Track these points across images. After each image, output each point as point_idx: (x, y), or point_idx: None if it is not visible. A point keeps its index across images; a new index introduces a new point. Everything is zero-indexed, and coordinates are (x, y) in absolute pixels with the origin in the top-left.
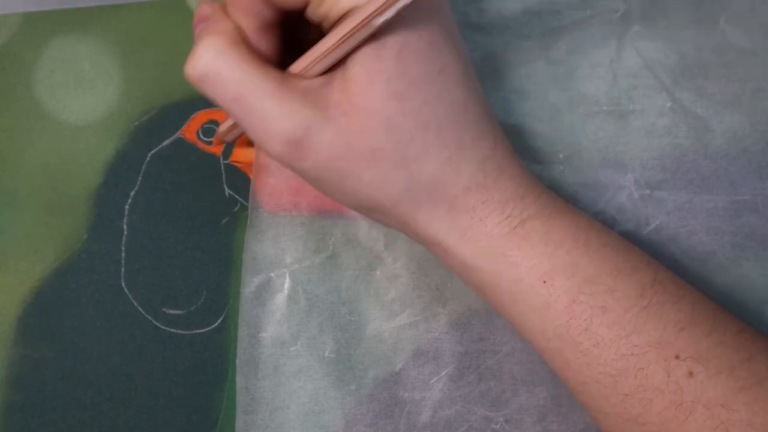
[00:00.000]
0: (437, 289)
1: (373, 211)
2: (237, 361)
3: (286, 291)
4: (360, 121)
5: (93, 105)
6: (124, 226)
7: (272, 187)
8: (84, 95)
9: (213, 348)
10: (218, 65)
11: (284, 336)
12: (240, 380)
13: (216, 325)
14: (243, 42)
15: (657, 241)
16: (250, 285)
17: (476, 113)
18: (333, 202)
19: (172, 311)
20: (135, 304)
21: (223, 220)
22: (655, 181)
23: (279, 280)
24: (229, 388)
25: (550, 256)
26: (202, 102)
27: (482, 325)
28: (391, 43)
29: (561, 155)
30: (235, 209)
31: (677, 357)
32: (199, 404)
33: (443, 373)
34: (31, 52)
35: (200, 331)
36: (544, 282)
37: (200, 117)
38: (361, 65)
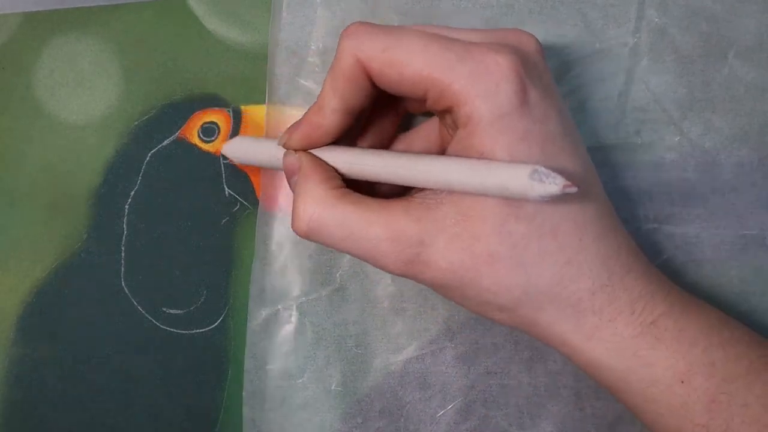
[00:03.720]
0: (444, 322)
1: (494, 313)
2: (243, 392)
3: (293, 323)
4: (473, 227)
5: (93, 105)
6: (124, 226)
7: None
8: (84, 95)
9: (213, 348)
10: (321, 218)
11: (291, 368)
12: (246, 412)
13: (216, 324)
14: (335, 182)
15: (665, 275)
16: (257, 317)
17: (595, 213)
18: None
19: (172, 311)
20: (135, 304)
21: (223, 220)
22: (663, 215)
23: (286, 312)
24: (229, 388)
25: (685, 355)
26: (202, 102)
27: (489, 359)
28: (499, 153)
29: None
30: (235, 209)
31: None
32: (199, 404)
33: (450, 406)
34: (31, 52)
35: (200, 330)
36: (682, 382)
37: (200, 117)
38: None
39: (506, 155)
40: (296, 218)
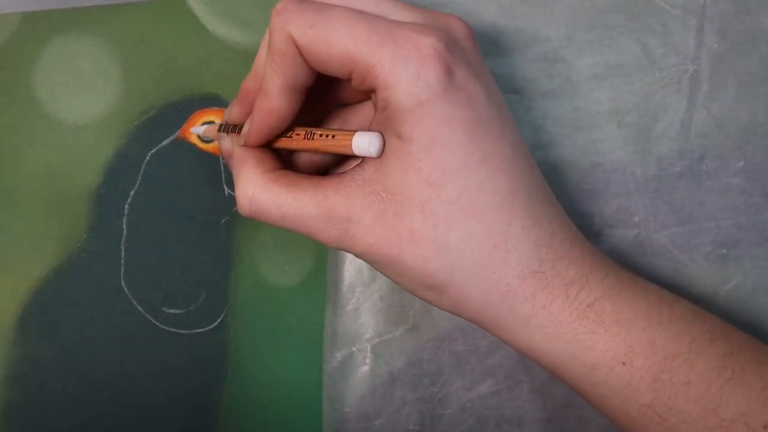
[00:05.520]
0: (518, 356)
1: (424, 293)
2: None
3: (368, 365)
4: (396, 206)
5: (92, 105)
6: (124, 226)
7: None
8: (83, 95)
9: (213, 347)
10: (259, 201)
11: (368, 410)
12: None
13: (216, 324)
14: (270, 164)
15: (735, 300)
16: (332, 360)
17: (527, 199)
18: None
19: (171, 311)
20: (135, 303)
21: (223, 220)
22: (731, 241)
23: (361, 354)
24: (229, 388)
25: (625, 337)
26: (202, 102)
27: (565, 391)
28: (419, 137)
29: (636, 218)
30: (235, 209)
31: (765, 426)
32: (199, 404)
33: None
34: (31, 52)
35: (200, 330)
36: (624, 363)
37: (199, 117)
38: (393, 156)
39: (426, 140)
40: (238, 202)
